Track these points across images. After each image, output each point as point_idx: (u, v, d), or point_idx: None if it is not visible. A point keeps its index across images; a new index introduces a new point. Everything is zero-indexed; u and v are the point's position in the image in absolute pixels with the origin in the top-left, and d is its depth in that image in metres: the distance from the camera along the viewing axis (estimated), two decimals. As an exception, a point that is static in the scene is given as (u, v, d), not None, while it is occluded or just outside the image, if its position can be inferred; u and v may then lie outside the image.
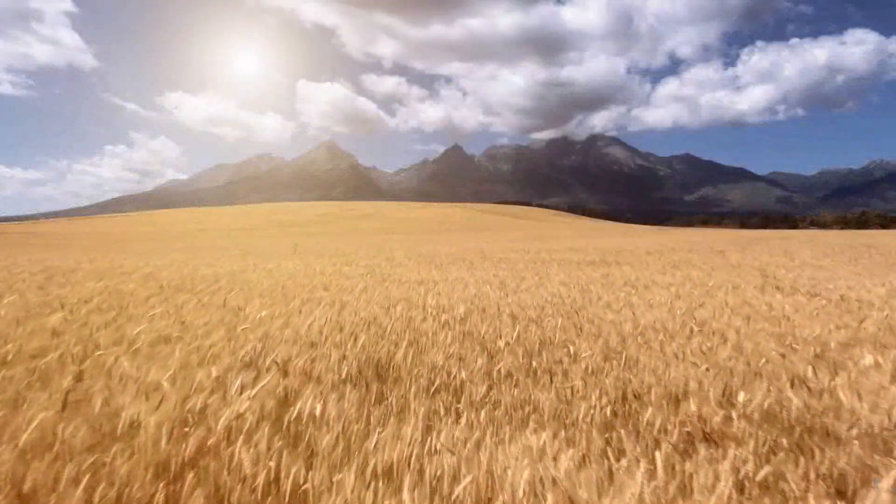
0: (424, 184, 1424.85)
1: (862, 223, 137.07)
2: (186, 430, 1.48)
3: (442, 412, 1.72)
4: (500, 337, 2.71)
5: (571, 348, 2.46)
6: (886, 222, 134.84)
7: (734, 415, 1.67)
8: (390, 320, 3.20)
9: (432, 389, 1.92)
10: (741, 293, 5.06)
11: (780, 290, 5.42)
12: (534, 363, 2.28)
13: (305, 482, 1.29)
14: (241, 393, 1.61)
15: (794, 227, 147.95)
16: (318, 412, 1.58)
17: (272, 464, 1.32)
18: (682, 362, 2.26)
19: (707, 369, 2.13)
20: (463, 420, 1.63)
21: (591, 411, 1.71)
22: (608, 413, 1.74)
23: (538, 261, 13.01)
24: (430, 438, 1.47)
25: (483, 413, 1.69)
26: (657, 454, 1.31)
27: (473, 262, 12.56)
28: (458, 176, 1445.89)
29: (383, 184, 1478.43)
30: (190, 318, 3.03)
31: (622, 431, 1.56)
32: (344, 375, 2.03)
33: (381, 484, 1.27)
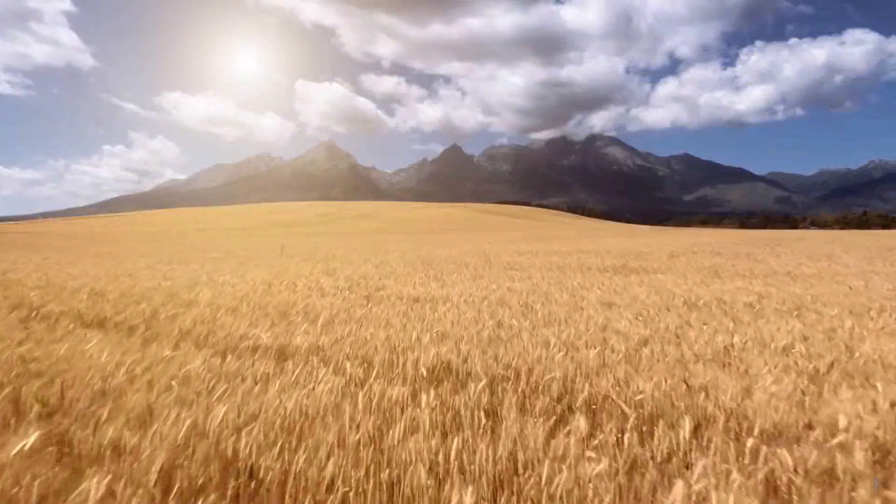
0: (423, 184, 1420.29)
1: (863, 223, 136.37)
2: None
3: None
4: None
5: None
6: (888, 222, 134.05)
7: None
8: (345, 420, 1.65)
9: None
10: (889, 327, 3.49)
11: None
12: None
13: None
14: None
15: (794, 227, 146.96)
16: None
17: None
18: None
19: None
20: None
21: None
22: None
23: (552, 267, 11.46)
24: None
25: None
26: None
27: (478, 268, 11.03)
28: (458, 176, 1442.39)
29: (382, 184, 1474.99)
30: None
31: None
32: None
33: None
